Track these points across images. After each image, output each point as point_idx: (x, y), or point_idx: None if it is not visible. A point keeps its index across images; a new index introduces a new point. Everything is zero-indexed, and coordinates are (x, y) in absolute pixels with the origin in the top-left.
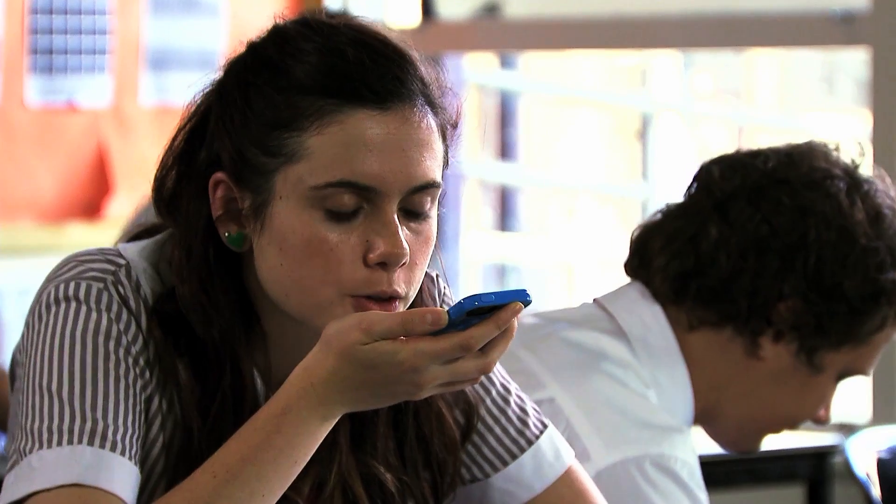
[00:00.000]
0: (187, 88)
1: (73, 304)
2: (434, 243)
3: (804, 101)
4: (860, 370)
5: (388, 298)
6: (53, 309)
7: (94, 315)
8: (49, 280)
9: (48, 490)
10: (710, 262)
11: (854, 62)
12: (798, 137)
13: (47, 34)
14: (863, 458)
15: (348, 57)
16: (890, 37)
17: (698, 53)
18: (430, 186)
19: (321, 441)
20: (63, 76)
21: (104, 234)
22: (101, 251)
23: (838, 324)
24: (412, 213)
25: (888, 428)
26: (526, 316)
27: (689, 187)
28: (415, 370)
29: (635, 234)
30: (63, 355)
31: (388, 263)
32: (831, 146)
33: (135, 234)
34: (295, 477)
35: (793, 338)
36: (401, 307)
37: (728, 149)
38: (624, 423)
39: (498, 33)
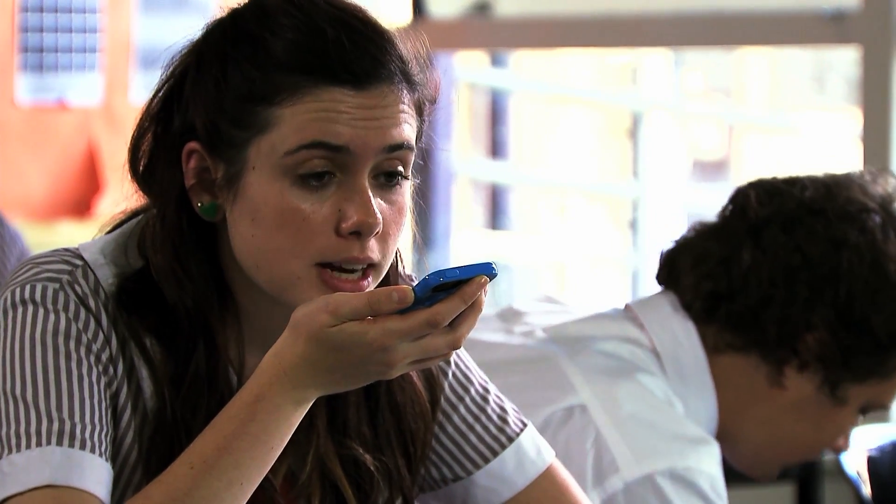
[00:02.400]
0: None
1: (31, 307)
2: (406, 216)
3: (795, 99)
4: (883, 404)
5: (363, 271)
6: (10, 314)
7: (51, 316)
8: (6, 285)
9: (21, 494)
10: (740, 287)
11: (844, 61)
12: (789, 136)
13: (38, 32)
14: (853, 456)
15: (327, 36)
16: (880, 35)
17: (689, 52)
18: (403, 147)
19: (297, 426)
20: (54, 74)
21: (95, 232)
22: (57, 252)
23: (864, 358)
24: (384, 178)
25: (879, 426)
26: (566, 324)
27: (724, 209)
28: (384, 349)
29: (665, 249)
30: (24, 359)
31: (361, 233)
32: (868, 177)
33: (112, 224)
34: (272, 463)
35: (817, 369)
36: (373, 278)
37: (717, 148)
38: (653, 434)
39: (489, 32)
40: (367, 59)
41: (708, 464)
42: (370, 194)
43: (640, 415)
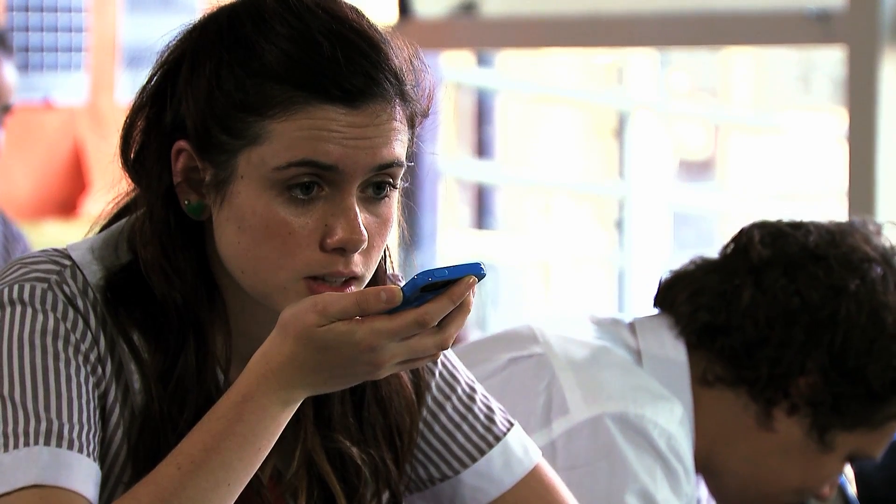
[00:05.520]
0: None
1: (18, 307)
2: (393, 226)
3: (780, 99)
4: (870, 453)
5: (345, 281)
6: None
7: (39, 316)
8: None
9: (8, 493)
10: (738, 323)
11: (830, 60)
12: (774, 135)
13: (23, 32)
14: None
15: (322, 50)
16: (865, 35)
17: (675, 52)
18: (393, 165)
19: (284, 425)
20: (39, 74)
21: (80, 231)
22: (46, 252)
23: (855, 406)
24: (372, 192)
25: None
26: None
27: (726, 247)
28: (372, 349)
29: (664, 277)
30: (12, 359)
31: (346, 249)
32: (872, 228)
33: (101, 224)
34: (260, 463)
35: (807, 413)
36: (355, 287)
37: (704, 146)
38: (609, 381)
39: (475, 31)
40: (361, 77)
41: (666, 419)
42: (357, 211)
43: (599, 363)
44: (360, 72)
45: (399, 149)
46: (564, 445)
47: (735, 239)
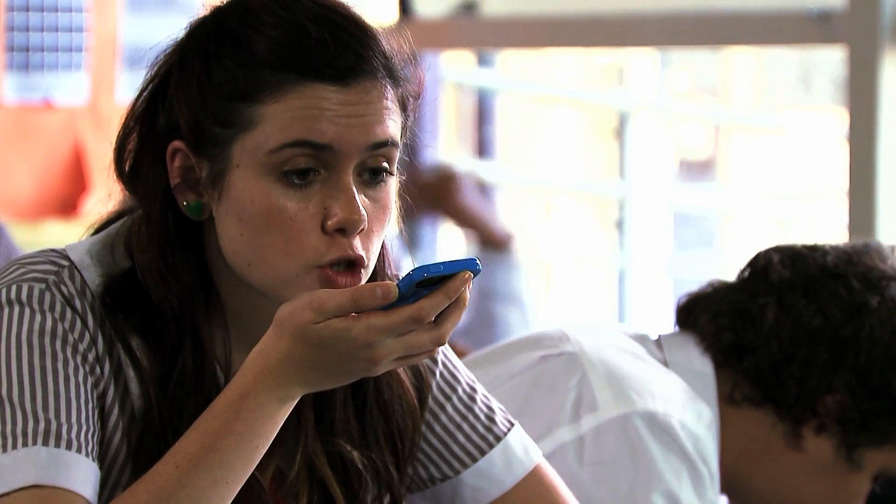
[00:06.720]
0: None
1: (17, 308)
2: (391, 214)
3: (781, 99)
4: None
5: (355, 265)
6: None
7: (37, 317)
8: None
9: (7, 494)
10: (763, 343)
11: (830, 61)
12: (775, 136)
13: (24, 31)
14: None
15: (310, 33)
16: (866, 35)
17: (675, 52)
18: (388, 144)
19: (282, 424)
20: (40, 74)
21: (81, 232)
22: (44, 253)
23: (883, 422)
24: (369, 175)
25: None
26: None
27: (743, 270)
28: (369, 346)
29: (681, 299)
30: (10, 359)
31: (346, 229)
32: (886, 248)
33: (99, 225)
34: (258, 462)
35: (835, 432)
36: (363, 275)
37: (705, 147)
38: (640, 380)
39: (475, 31)
40: (350, 55)
41: (694, 421)
42: (354, 191)
43: (630, 365)
44: (350, 51)
45: (393, 128)
46: (592, 441)
47: (751, 263)
